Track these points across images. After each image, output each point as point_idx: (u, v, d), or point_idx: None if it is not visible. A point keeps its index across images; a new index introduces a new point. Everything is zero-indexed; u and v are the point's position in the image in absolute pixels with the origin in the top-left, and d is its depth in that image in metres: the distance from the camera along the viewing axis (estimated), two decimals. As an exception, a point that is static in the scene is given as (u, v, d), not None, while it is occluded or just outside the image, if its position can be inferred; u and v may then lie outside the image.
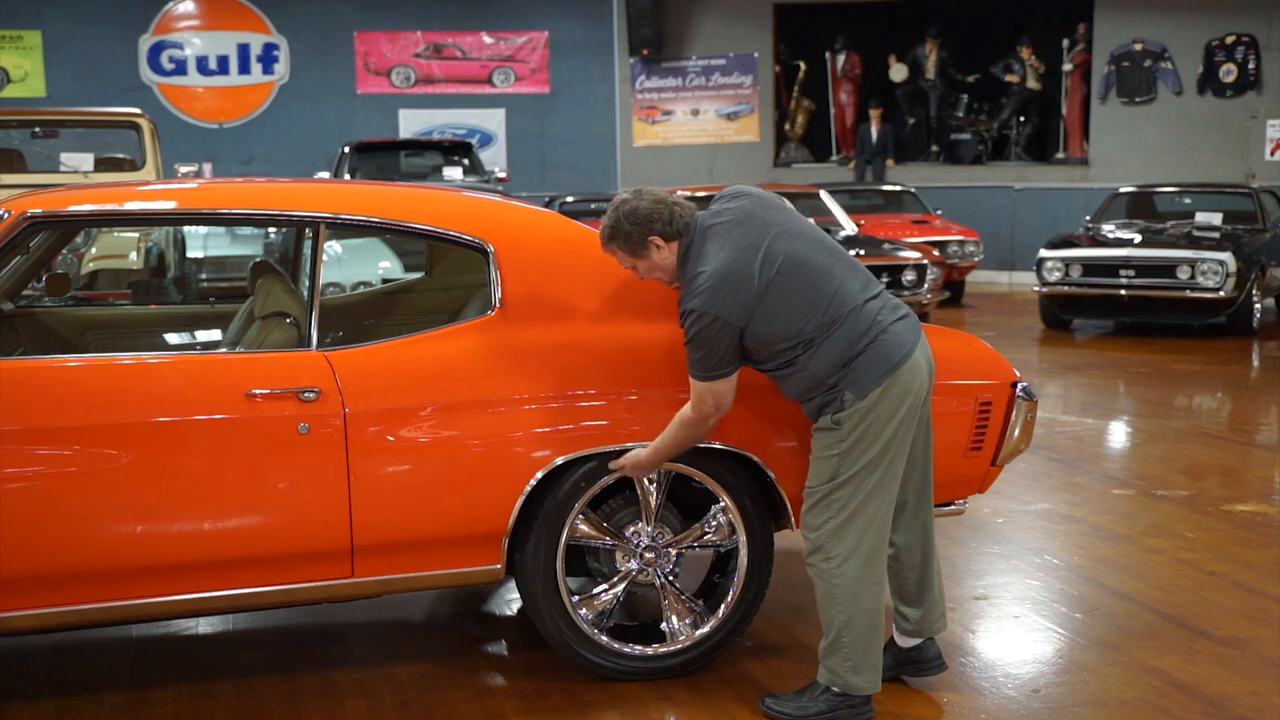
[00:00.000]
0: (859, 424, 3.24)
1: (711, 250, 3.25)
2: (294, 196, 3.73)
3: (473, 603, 4.44)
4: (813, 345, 3.25)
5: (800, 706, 3.39)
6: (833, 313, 3.25)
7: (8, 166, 9.61)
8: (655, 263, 3.34)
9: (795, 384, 3.33)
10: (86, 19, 17.27)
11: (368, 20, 18.17)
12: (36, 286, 5.72)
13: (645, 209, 3.29)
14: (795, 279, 3.24)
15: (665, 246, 3.31)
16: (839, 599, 3.31)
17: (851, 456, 3.26)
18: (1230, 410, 8.43)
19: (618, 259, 3.41)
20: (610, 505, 3.64)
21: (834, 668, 3.36)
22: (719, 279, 3.19)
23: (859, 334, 3.25)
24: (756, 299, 3.21)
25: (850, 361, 3.24)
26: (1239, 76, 16.00)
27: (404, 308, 4.74)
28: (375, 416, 3.36)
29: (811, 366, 3.26)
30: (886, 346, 3.26)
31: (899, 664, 3.64)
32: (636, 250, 3.33)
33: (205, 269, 8.90)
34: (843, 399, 3.25)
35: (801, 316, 3.24)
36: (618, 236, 3.33)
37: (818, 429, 3.33)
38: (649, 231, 3.29)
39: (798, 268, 3.25)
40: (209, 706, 3.53)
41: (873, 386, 3.23)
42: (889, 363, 3.25)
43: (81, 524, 3.20)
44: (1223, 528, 5.27)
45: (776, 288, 3.22)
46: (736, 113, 18.76)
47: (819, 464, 3.33)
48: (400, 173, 14.29)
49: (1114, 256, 11.35)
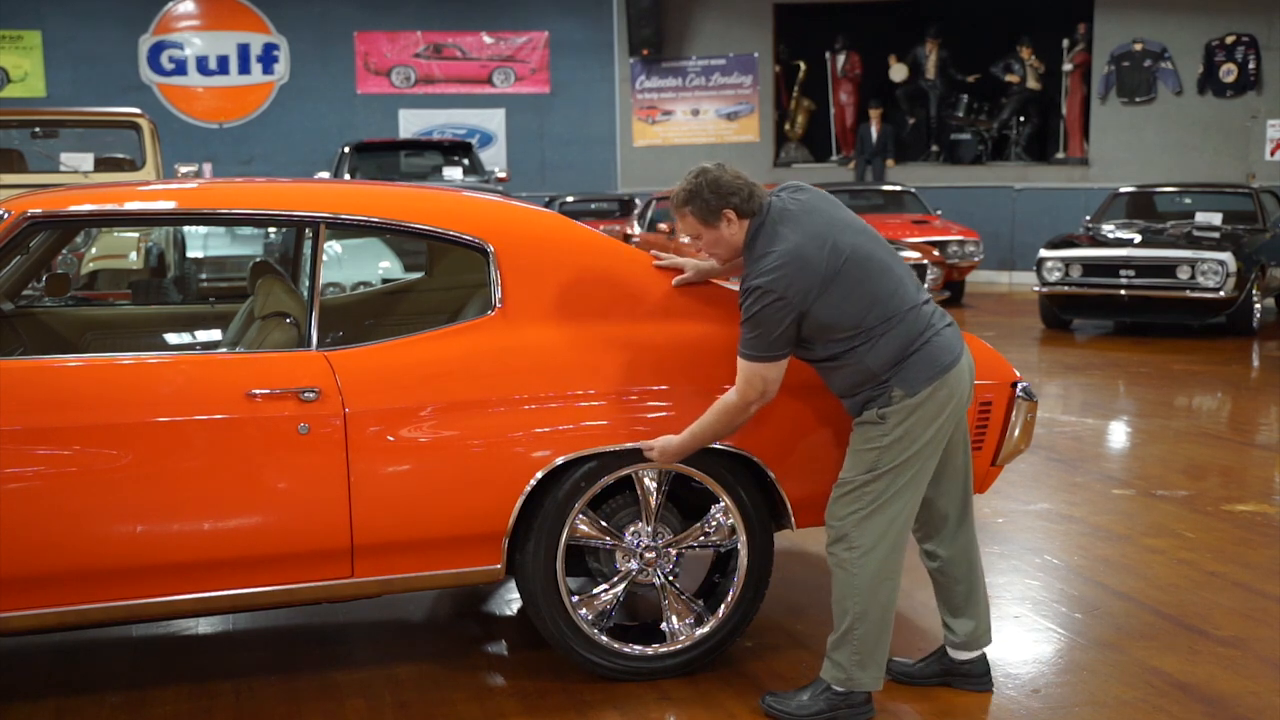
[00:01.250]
0: (904, 420, 3.27)
1: (783, 233, 3.26)
2: (294, 196, 3.73)
3: (473, 603, 4.44)
4: (871, 338, 3.27)
5: (801, 705, 3.39)
6: (893, 309, 3.28)
7: (8, 166, 9.61)
8: (723, 235, 3.36)
9: (847, 376, 3.34)
10: (86, 19, 17.28)
11: (368, 20, 18.18)
12: (36, 286, 5.72)
13: (728, 181, 3.31)
14: (861, 271, 3.27)
15: (737, 222, 3.33)
16: (857, 590, 3.32)
17: (892, 452, 3.29)
18: (1230, 410, 8.43)
19: (684, 225, 3.41)
20: (610, 505, 3.64)
21: (840, 661, 3.37)
22: (788, 259, 3.21)
23: (916, 333, 3.29)
24: (822, 286, 3.22)
25: (904, 359, 3.28)
26: (1239, 76, 16.00)
27: (404, 308, 4.73)
28: (375, 416, 3.36)
29: (868, 360, 3.28)
30: (938, 348, 3.31)
31: (947, 673, 3.65)
32: (709, 219, 3.33)
33: (205, 269, 8.90)
34: (891, 395, 3.28)
35: (865, 309, 3.26)
36: (694, 201, 3.33)
37: (860, 423, 3.35)
38: (726, 204, 3.30)
39: (864, 261, 3.28)
40: (209, 706, 3.53)
41: (923, 386, 3.27)
42: (940, 365, 3.29)
43: (81, 524, 3.20)
44: (1223, 528, 5.27)
45: (844, 277, 3.24)
46: (736, 113, 18.77)
47: (857, 456, 3.35)
48: (400, 173, 14.30)
49: (1114, 256, 11.35)
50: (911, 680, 3.67)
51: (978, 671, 3.63)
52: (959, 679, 3.64)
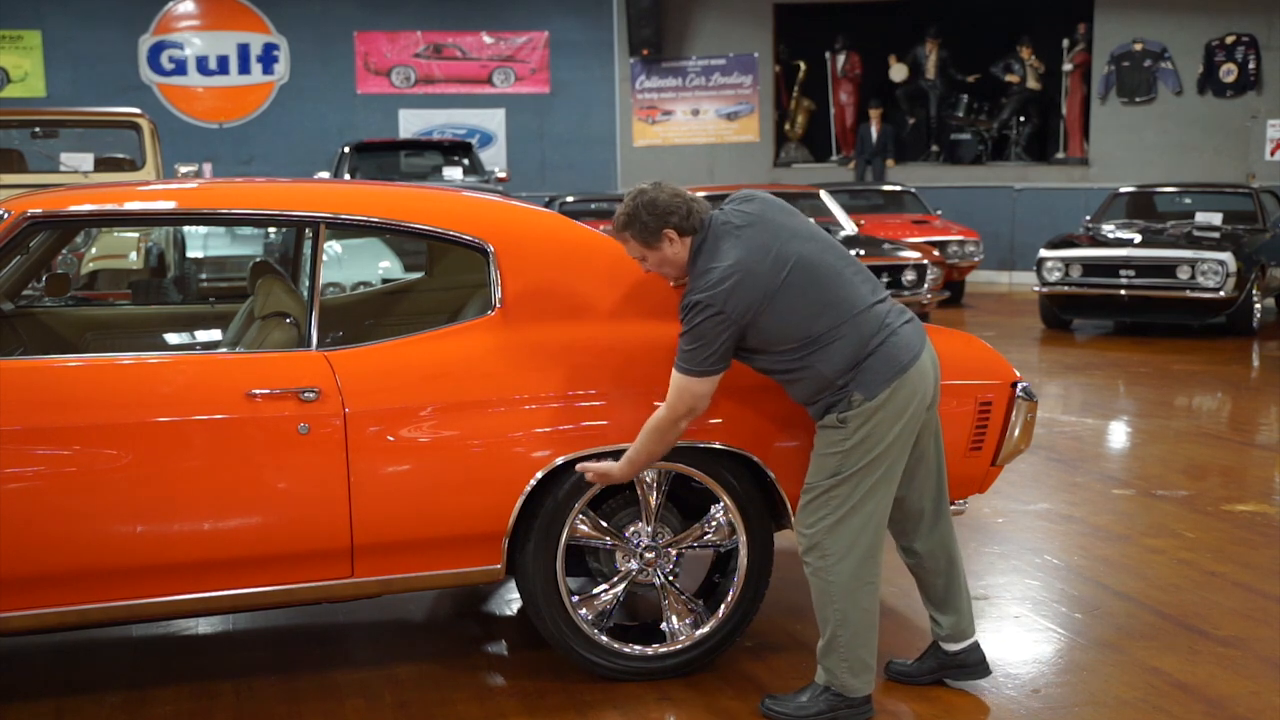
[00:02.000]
0: (864, 423, 3.25)
1: (725, 249, 3.25)
2: (294, 196, 3.73)
3: (473, 603, 4.44)
4: (822, 346, 3.26)
5: (800, 707, 3.39)
6: (843, 314, 3.27)
7: (8, 166, 9.61)
8: (666, 256, 3.34)
9: (804, 387, 3.33)
10: (86, 19, 17.28)
11: (368, 20, 18.17)
12: (36, 286, 5.71)
13: (664, 201, 3.29)
14: (807, 279, 3.25)
15: (679, 241, 3.32)
16: (834, 597, 3.31)
17: (855, 455, 3.27)
18: (1230, 410, 8.43)
19: (628, 248, 3.40)
20: (610, 505, 3.64)
21: (831, 668, 3.36)
22: (729, 275, 3.20)
23: (868, 336, 3.27)
24: (765, 299, 3.21)
25: (860, 363, 3.26)
26: (1239, 76, 16.00)
27: (404, 308, 4.73)
28: (375, 416, 3.36)
29: (821, 368, 3.27)
30: (895, 348, 3.28)
31: (943, 667, 3.65)
32: (650, 241, 3.32)
33: (205, 269, 8.90)
34: (850, 399, 3.26)
35: (812, 317, 3.25)
36: (633, 224, 3.32)
37: (822, 426, 3.34)
38: (665, 224, 3.29)
39: (809, 269, 3.26)
40: (209, 706, 3.53)
41: (881, 388, 3.25)
42: (898, 364, 3.27)
43: (82, 524, 3.20)
44: (1223, 528, 5.27)
45: (788, 288, 3.23)
46: (736, 113, 18.76)
47: (820, 460, 3.33)
48: (400, 173, 14.29)
49: (1114, 256, 11.35)
50: (910, 679, 3.67)
51: (972, 660, 3.63)
52: (955, 670, 3.64)
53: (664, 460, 3.54)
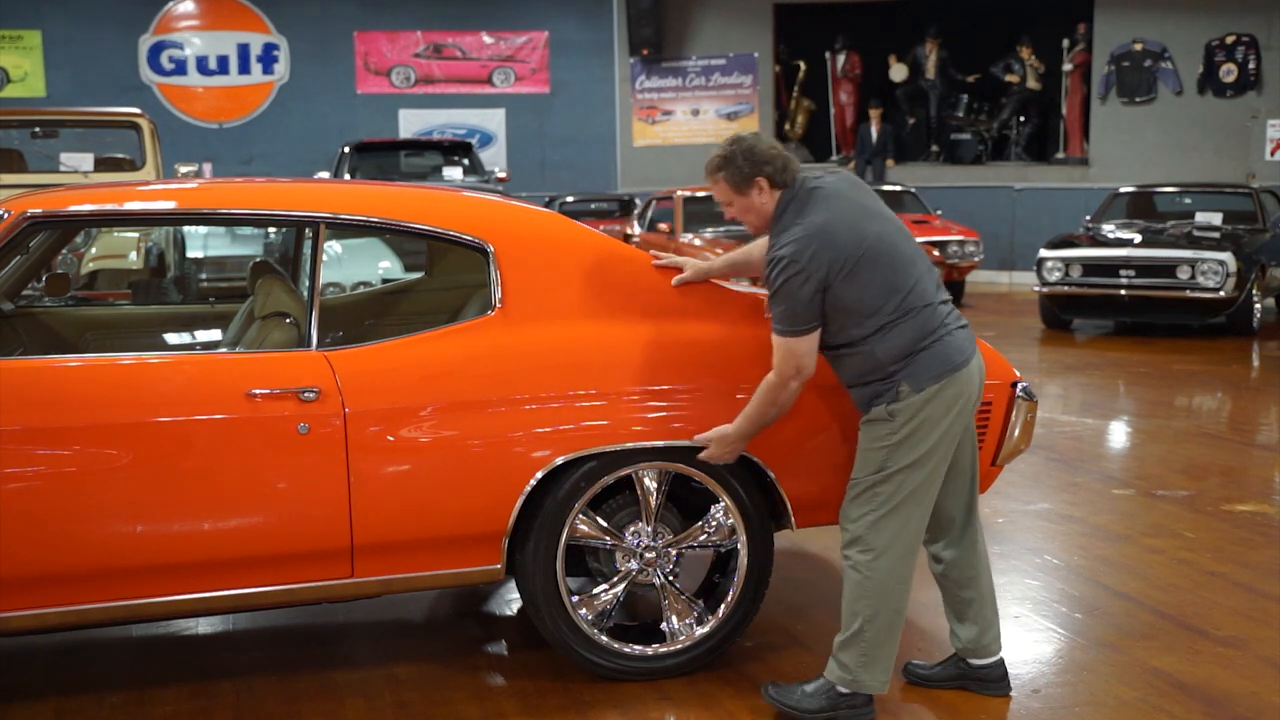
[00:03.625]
0: (912, 418, 3.28)
1: (810, 210, 3.29)
2: (294, 196, 3.73)
3: (473, 603, 4.44)
4: (883, 328, 3.28)
5: (804, 695, 3.39)
6: (911, 302, 3.30)
7: (8, 166, 9.61)
8: (753, 203, 3.37)
9: (855, 365, 3.34)
10: (86, 19, 17.28)
11: (368, 20, 18.18)
12: (36, 286, 5.72)
13: (762, 150, 3.33)
14: (884, 260, 3.29)
15: (768, 192, 3.35)
16: (869, 592, 3.33)
17: (901, 451, 3.29)
18: (1230, 410, 8.43)
19: (716, 191, 3.43)
20: (610, 505, 3.64)
21: (846, 661, 3.36)
22: (815, 233, 3.23)
23: (928, 330, 3.31)
24: (843, 267, 3.23)
25: (914, 354, 3.28)
26: (1239, 76, 16.00)
27: (404, 308, 4.73)
28: (375, 416, 3.36)
29: (877, 350, 3.29)
30: (949, 348, 3.32)
31: (964, 677, 3.64)
32: (740, 187, 3.35)
33: (205, 269, 8.91)
34: (898, 390, 3.28)
35: (884, 296, 3.27)
36: (728, 167, 3.35)
37: (868, 420, 3.35)
38: (759, 172, 3.32)
39: (888, 250, 3.30)
40: (209, 706, 3.53)
41: (929, 383, 3.27)
42: (949, 363, 3.30)
43: (82, 524, 3.20)
44: (1223, 528, 5.27)
45: (866, 262, 3.26)
46: (736, 113, 18.76)
47: (866, 455, 3.35)
48: (400, 173, 14.29)
49: (1114, 256, 11.35)
50: (928, 683, 3.65)
51: (994, 676, 3.62)
52: (975, 683, 3.63)
53: (664, 460, 3.55)
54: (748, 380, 3.56)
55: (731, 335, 3.68)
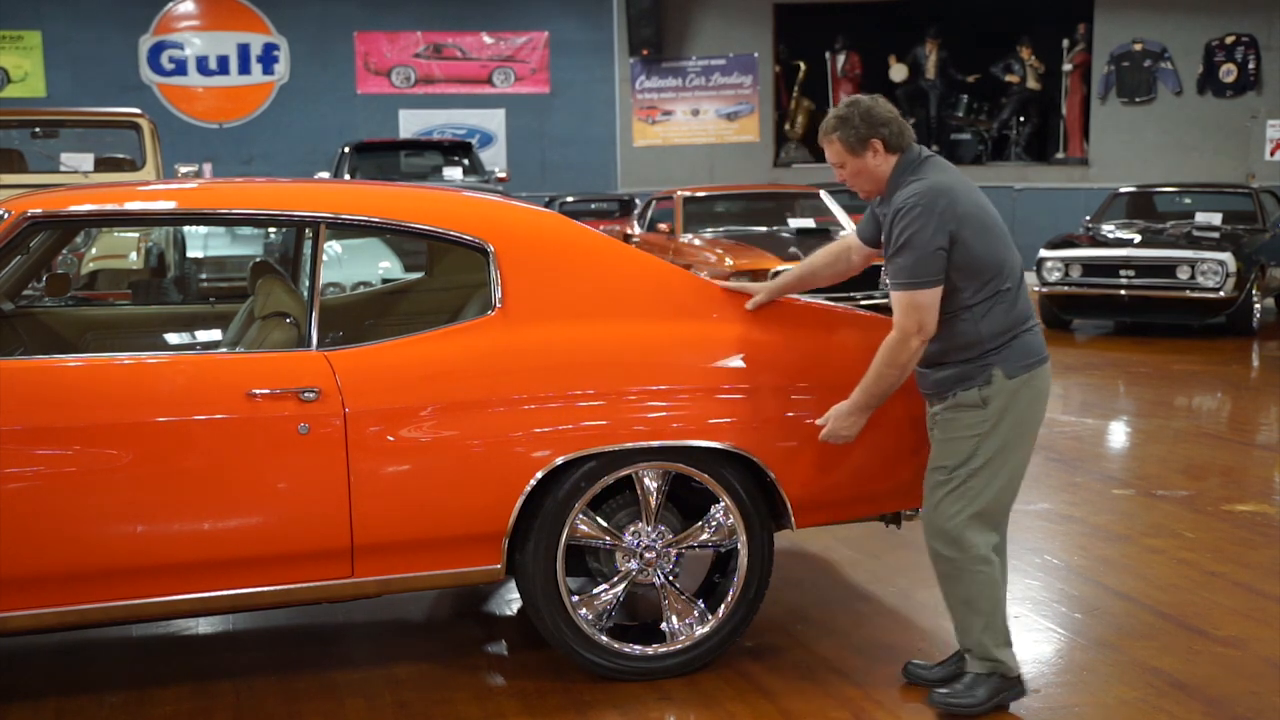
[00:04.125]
0: (1005, 405, 3.31)
1: (927, 171, 3.33)
2: (294, 196, 3.73)
3: (473, 603, 4.44)
4: (992, 299, 3.30)
5: (971, 692, 3.43)
6: (1014, 281, 3.35)
7: (8, 166, 9.61)
8: (866, 165, 3.38)
9: (956, 336, 3.33)
10: (86, 19, 17.28)
11: (368, 20, 18.18)
12: (36, 286, 5.71)
13: (880, 113, 3.36)
14: (998, 229, 3.34)
15: (882, 154, 3.36)
16: (983, 584, 3.38)
17: (992, 439, 3.32)
18: (1230, 410, 8.42)
19: (830, 152, 3.43)
20: (610, 505, 3.64)
21: (986, 648, 3.41)
22: (942, 188, 3.27)
23: (1025, 315, 3.37)
24: (963, 220, 3.25)
25: (1010, 338, 3.33)
26: (1239, 76, 16.00)
27: (404, 308, 4.73)
28: (375, 416, 3.35)
29: (980, 324, 3.31)
30: (1038, 339, 3.41)
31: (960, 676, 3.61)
32: (856, 148, 3.36)
33: (205, 269, 8.91)
34: (991, 374, 3.31)
35: (998, 263, 3.30)
36: (844, 128, 3.35)
37: (955, 406, 3.36)
38: (875, 134, 3.34)
39: (998, 223, 3.36)
40: (209, 706, 3.53)
41: (1022, 371, 3.33)
42: (1038, 354, 3.37)
43: (82, 524, 3.20)
44: (1223, 528, 5.27)
45: (987, 225, 3.30)
46: (736, 113, 18.77)
47: (956, 444, 3.36)
48: (400, 173, 14.29)
49: (1114, 256, 11.34)
50: (928, 684, 3.60)
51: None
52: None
53: (664, 460, 3.55)
54: (746, 380, 3.56)
55: (732, 335, 3.68)
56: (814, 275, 3.78)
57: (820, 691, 3.61)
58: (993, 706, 3.42)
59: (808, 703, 3.53)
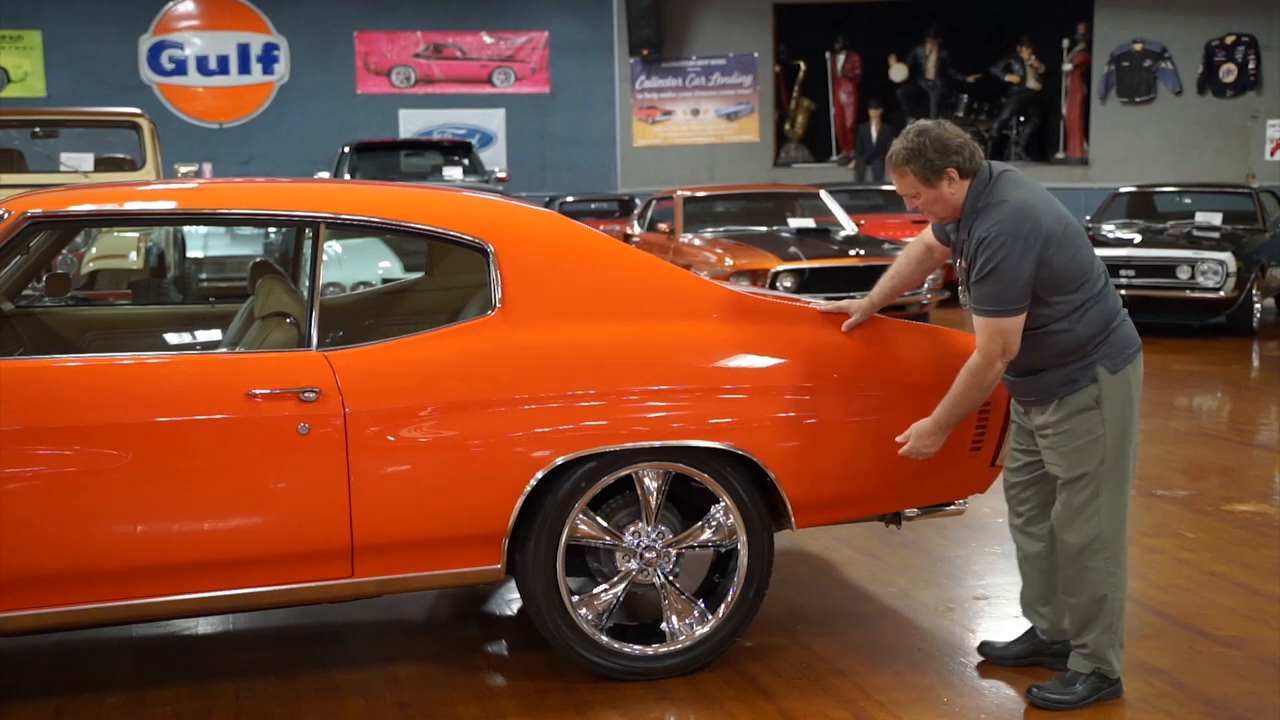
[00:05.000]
0: (1118, 401, 3.36)
1: (1007, 190, 3.32)
2: (294, 196, 3.73)
3: (473, 603, 4.44)
4: (1083, 306, 3.34)
5: (1071, 689, 3.48)
6: (1101, 282, 3.40)
7: (8, 166, 9.60)
8: (942, 194, 3.37)
9: (1057, 343, 3.36)
10: (86, 19, 17.29)
11: (368, 20, 18.18)
12: (36, 286, 5.71)
13: (950, 140, 3.34)
14: (1079, 236, 3.37)
15: (958, 181, 3.36)
16: (1116, 587, 3.45)
17: (1112, 437, 3.38)
18: (1230, 410, 8.43)
19: (902, 183, 3.41)
20: (610, 505, 3.64)
21: (1101, 649, 3.47)
22: (1023, 210, 3.27)
23: (1116, 309, 3.43)
24: (1052, 240, 3.28)
25: (1108, 334, 3.37)
26: (1239, 76, 16.01)
27: (404, 308, 4.73)
28: (375, 416, 3.35)
29: (1078, 328, 3.34)
30: (1129, 329, 3.46)
31: (1038, 653, 3.75)
32: (930, 178, 3.35)
33: (205, 269, 8.91)
34: (1096, 372, 3.35)
35: (1085, 270, 3.35)
36: (917, 159, 3.33)
37: (1071, 414, 3.38)
38: (949, 163, 3.33)
39: (1078, 229, 3.39)
40: (209, 706, 3.53)
41: (1124, 364, 3.38)
42: (1134, 343, 3.45)
43: (81, 524, 3.20)
44: (1223, 528, 5.27)
45: (1070, 235, 3.32)
46: (736, 113, 18.77)
47: (1080, 452, 3.39)
48: (400, 173, 14.30)
49: (1114, 256, 11.34)
50: (1003, 662, 3.76)
51: (1066, 651, 3.69)
52: (1050, 659, 3.71)
53: (664, 460, 3.55)
54: (745, 381, 3.56)
55: (732, 336, 3.68)
56: (904, 281, 3.81)
57: (820, 691, 3.61)
58: (1091, 704, 3.47)
59: (808, 703, 3.53)
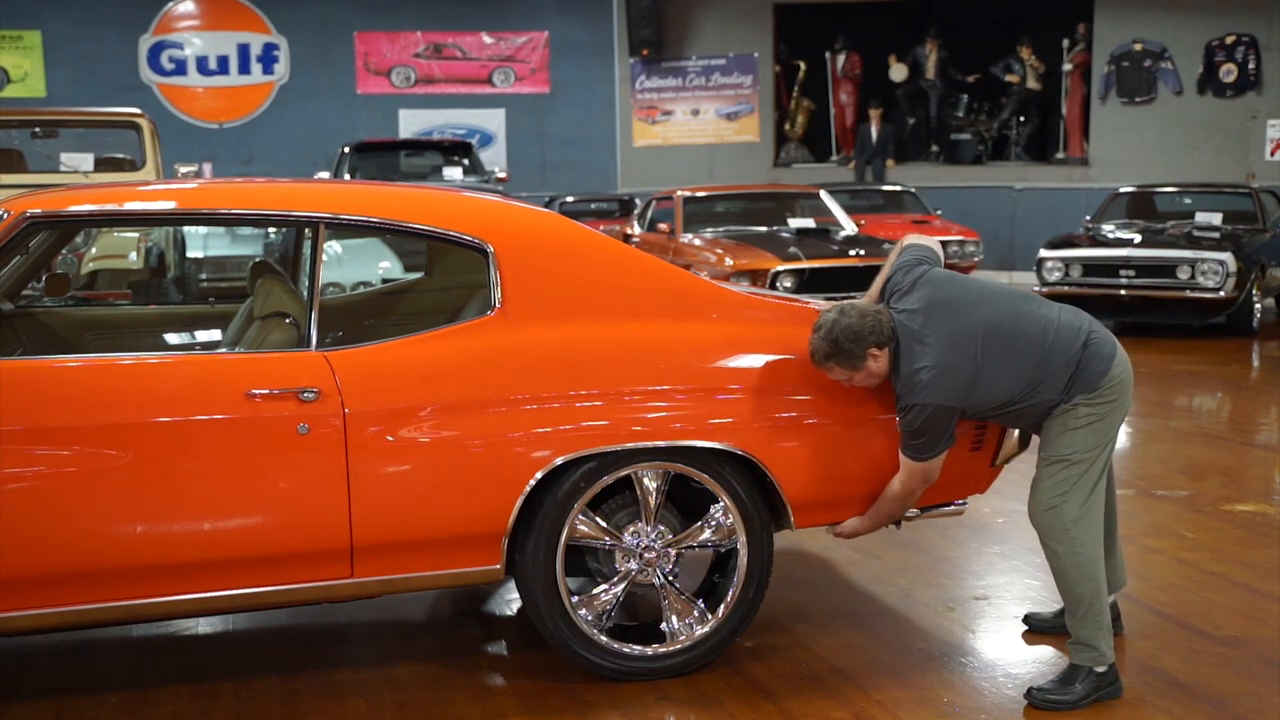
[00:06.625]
0: (1093, 411, 3.52)
1: (918, 351, 3.46)
2: (294, 196, 3.73)
3: (473, 603, 4.44)
4: (1037, 385, 3.51)
5: (1070, 689, 3.50)
6: (1045, 349, 3.50)
7: (8, 166, 9.60)
8: (872, 370, 3.53)
9: (1031, 415, 3.58)
10: (86, 19, 17.28)
11: (368, 20, 18.18)
12: (36, 286, 5.71)
13: (859, 326, 3.47)
14: (999, 344, 3.49)
15: (880, 354, 3.49)
16: (1082, 577, 3.52)
17: (1097, 428, 3.53)
18: (1230, 410, 8.43)
19: (831, 374, 3.56)
20: (610, 505, 3.64)
21: (1089, 639, 3.52)
22: (939, 371, 3.42)
23: (1072, 349, 3.51)
24: (972, 381, 3.45)
25: (1075, 371, 3.50)
26: (1239, 76, 16.00)
27: (404, 308, 4.73)
28: (375, 417, 3.35)
29: (1045, 397, 3.52)
30: (1100, 344, 3.56)
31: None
32: (855, 365, 3.50)
33: (205, 269, 8.90)
34: (1075, 399, 3.51)
35: (1020, 372, 3.49)
36: (836, 355, 3.49)
37: (1057, 414, 3.55)
38: (866, 345, 3.47)
39: (996, 332, 3.49)
40: (209, 706, 3.53)
41: (1099, 379, 3.51)
42: (1107, 354, 3.54)
43: (82, 524, 3.20)
44: (1223, 528, 5.27)
45: (987, 363, 3.46)
46: (736, 113, 18.76)
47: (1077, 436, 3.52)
48: (400, 173, 14.29)
49: (1114, 256, 11.35)
50: (1049, 631, 3.96)
51: (1112, 616, 3.77)
52: None
53: (664, 460, 3.55)
54: (745, 380, 3.55)
55: (730, 335, 3.68)
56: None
57: (820, 691, 3.61)
58: (1090, 704, 3.49)
59: (808, 703, 3.54)
